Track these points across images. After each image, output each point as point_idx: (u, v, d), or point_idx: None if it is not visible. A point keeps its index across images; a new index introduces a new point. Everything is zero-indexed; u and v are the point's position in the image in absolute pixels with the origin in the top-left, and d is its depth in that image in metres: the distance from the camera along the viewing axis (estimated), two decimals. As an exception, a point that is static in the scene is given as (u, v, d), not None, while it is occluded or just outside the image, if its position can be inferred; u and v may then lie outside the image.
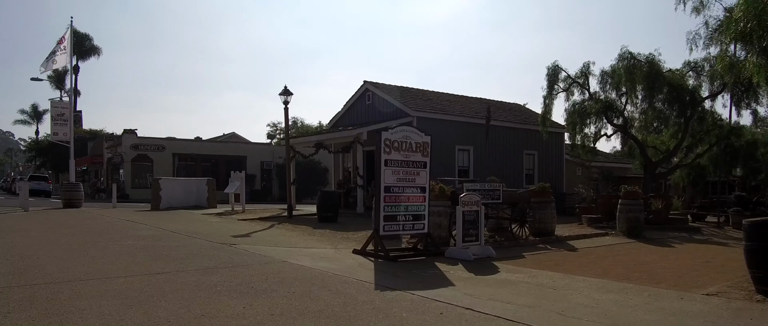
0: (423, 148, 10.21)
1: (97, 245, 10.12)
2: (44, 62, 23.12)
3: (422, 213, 10.30)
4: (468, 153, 22.66)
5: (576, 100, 22.39)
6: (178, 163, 40.35)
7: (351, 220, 17.17)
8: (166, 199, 22.30)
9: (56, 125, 23.66)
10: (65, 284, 6.56)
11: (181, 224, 14.79)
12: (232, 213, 20.09)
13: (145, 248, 9.75)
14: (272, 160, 44.96)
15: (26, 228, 13.32)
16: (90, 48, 60.12)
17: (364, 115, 22.91)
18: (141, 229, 13.10)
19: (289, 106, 18.10)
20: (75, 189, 22.61)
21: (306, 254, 9.65)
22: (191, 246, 10.22)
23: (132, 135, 40.20)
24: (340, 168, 24.56)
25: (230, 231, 13.20)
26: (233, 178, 22.25)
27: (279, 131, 69.92)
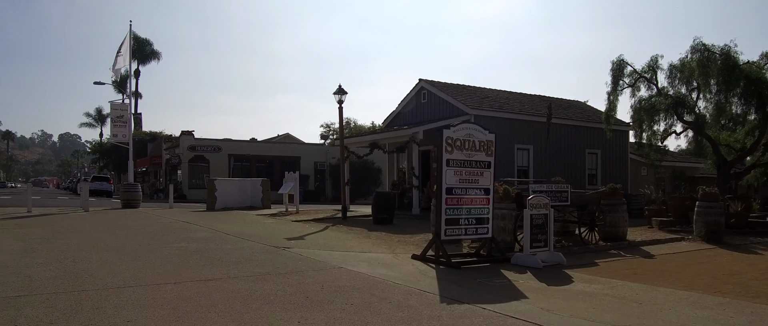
0: (487, 147, 9.56)
1: (150, 247, 9.89)
2: (112, 67, 23.59)
3: (486, 216, 9.65)
4: (528, 152, 21.77)
5: (643, 96, 21.21)
6: (234, 163, 40.69)
7: (407, 222, 16.62)
8: (221, 200, 22.30)
9: (116, 127, 24.01)
10: (113, 290, 6.24)
11: (235, 225, 14.55)
12: (286, 213, 19.86)
13: (197, 251, 9.44)
14: (325, 161, 44.86)
15: (84, 228, 13.31)
16: (150, 52, 61.67)
17: (419, 114, 22.33)
18: (195, 231, 12.89)
19: (343, 105, 17.69)
20: (133, 190, 22.86)
21: (362, 259, 9.14)
22: (244, 249, 9.87)
23: (189, 136, 40.76)
24: (394, 168, 24.05)
25: (284, 234, 12.85)
26: (287, 179, 22.03)
27: (332, 132, 70.11)
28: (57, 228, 13.20)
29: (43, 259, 8.34)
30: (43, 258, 8.41)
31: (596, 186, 22.86)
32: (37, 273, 7.14)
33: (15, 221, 15.15)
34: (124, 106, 24.75)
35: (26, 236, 11.39)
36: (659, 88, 20.98)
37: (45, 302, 5.67)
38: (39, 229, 12.90)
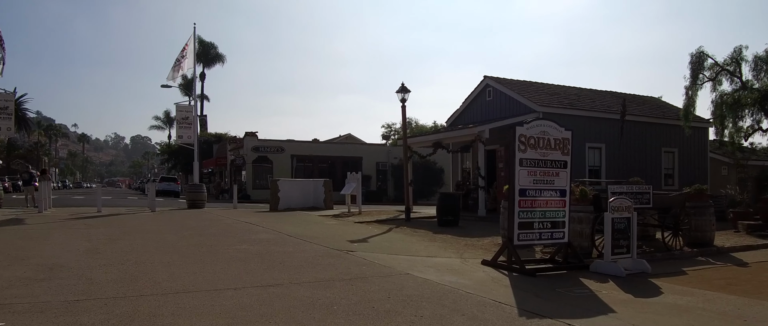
0: (562, 145, 8.88)
1: (212, 249, 9.70)
2: (171, 71, 23.91)
3: (562, 219, 8.97)
4: (599, 151, 20.71)
5: (725, 90, 19.77)
6: (296, 164, 40.93)
7: (473, 224, 16.01)
8: (284, 200, 22.27)
9: (181, 128, 24.34)
10: (171, 296, 5.98)
11: (298, 227, 14.33)
12: (349, 214, 19.57)
13: (259, 254, 9.18)
14: (387, 161, 44.56)
15: (149, 229, 13.36)
16: (215, 56, 62.97)
17: (484, 112, 21.63)
18: (257, 232, 12.71)
19: (406, 104, 17.22)
20: (198, 191, 23.12)
21: (430, 265, 8.64)
22: (306, 252, 9.54)
23: (253, 137, 41.26)
24: (458, 168, 23.41)
25: (347, 236, 12.50)
26: (350, 179, 21.77)
27: (394, 132, 69.80)
28: (123, 229, 13.30)
29: (105, 261, 8.24)
30: (105, 260, 8.32)
31: (672, 186, 21.55)
32: (99, 276, 7.00)
33: (84, 221, 15.42)
34: (189, 107, 25.07)
35: (93, 236, 11.46)
36: (743, 81, 19.52)
37: (102, 307, 5.45)
38: (106, 229, 13.02)
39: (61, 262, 8.05)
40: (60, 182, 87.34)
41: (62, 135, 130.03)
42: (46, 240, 10.67)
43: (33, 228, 13.13)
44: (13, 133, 23.81)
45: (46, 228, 13.34)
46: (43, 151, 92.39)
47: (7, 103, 22.35)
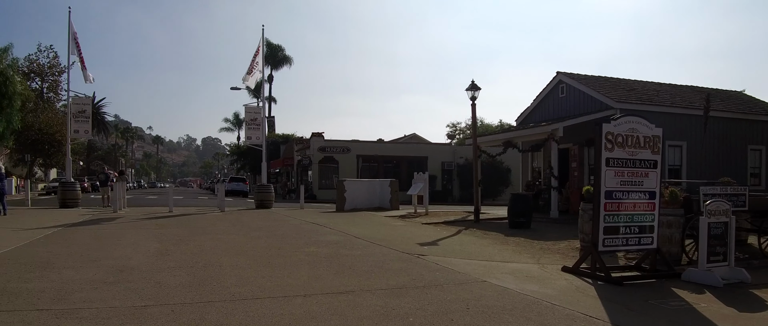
0: (652, 143, 8.19)
1: (281, 252, 9.51)
2: (246, 74, 24.24)
3: (650, 223, 8.28)
4: (680, 149, 19.48)
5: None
6: (362, 164, 40.90)
7: (545, 227, 15.32)
8: (350, 200, 22.12)
9: (250, 129, 24.60)
10: (240, 303, 5.74)
11: (365, 228, 14.05)
12: (415, 215, 19.19)
13: (327, 257, 8.91)
14: (453, 161, 43.92)
15: (218, 230, 13.38)
16: (282, 58, 63.89)
17: (556, 110, 20.77)
18: (325, 234, 12.50)
19: (476, 101, 16.68)
20: (266, 191, 23.27)
21: (507, 271, 8.12)
22: (376, 256, 9.21)
23: (319, 138, 41.51)
24: (528, 168, 22.62)
25: (416, 238, 12.11)
26: (416, 179, 21.39)
27: (458, 131, 68.98)
28: (193, 229, 13.37)
29: (174, 263, 8.16)
30: (174, 262, 8.24)
31: (759, 187, 20.07)
32: (167, 280, 6.87)
33: (156, 221, 15.66)
34: (258, 109, 25.30)
35: (163, 237, 11.52)
36: None
37: (169, 314, 5.25)
38: (176, 230, 13.11)
39: (130, 264, 8.01)
40: (135, 182, 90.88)
41: (138, 137, 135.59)
42: (118, 241, 10.77)
43: (106, 229, 13.38)
44: (91, 135, 24.69)
45: (119, 228, 13.57)
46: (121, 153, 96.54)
47: (85, 107, 23.16)
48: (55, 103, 50.01)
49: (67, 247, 9.73)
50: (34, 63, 50.54)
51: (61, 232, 12.17)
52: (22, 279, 6.82)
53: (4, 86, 18.28)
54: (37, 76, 50.92)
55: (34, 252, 9.10)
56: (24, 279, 6.81)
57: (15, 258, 8.35)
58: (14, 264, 7.80)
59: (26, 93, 40.13)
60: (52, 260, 8.25)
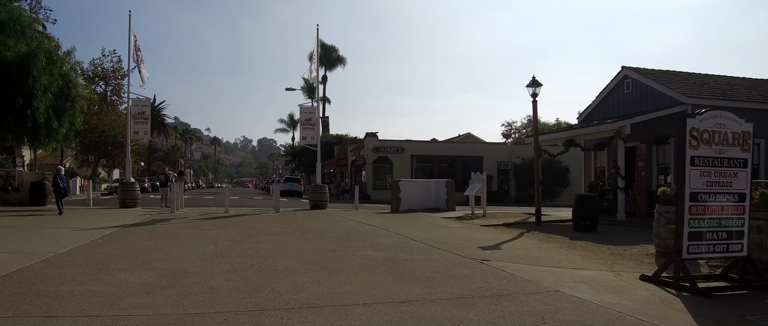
0: (742, 140, 7.44)
1: (337, 255, 9.15)
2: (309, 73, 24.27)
3: (739, 228, 7.53)
4: (758, 147, 18.22)
5: None
6: (416, 164, 40.44)
7: (612, 230, 14.50)
8: (405, 201, 21.71)
9: (305, 129, 24.51)
10: (295, 311, 5.38)
11: (422, 230, 13.59)
12: (473, 217, 18.61)
13: (386, 262, 8.49)
14: (509, 160, 42.89)
15: (273, 231, 13.17)
16: (336, 58, 64.07)
17: (621, 106, 19.78)
18: (381, 236, 12.11)
19: (537, 98, 15.97)
20: (321, 191, 23.10)
21: (579, 279, 7.52)
22: (436, 260, 8.74)
23: (373, 138, 41.26)
24: (591, 167, 21.67)
25: (476, 241, 11.58)
26: (474, 180, 20.80)
27: (514, 130, 67.65)
28: (248, 230, 13.20)
29: (229, 266, 7.90)
30: (229, 265, 7.98)
31: None
32: (220, 284, 6.59)
33: (212, 221, 15.61)
34: (313, 109, 25.19)
35: (219, 238, 11.36)
36: None
37: (221, 324, 4.93)
38: (231, 231, 12.97)
39: (185, 267, 7.80)
40: (193, 182, 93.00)
41: (196, 138, 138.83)
42: (174, 242, 10.65)
43: (163, 229, 13.35)
44: (150, 136, 25.09)
45: (175, 229, 13.54)
46: (180, 154, 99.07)
47: (144, 109, 23.52)
48: (118, 105, 51.55)
49: (123, 248, 9.65)
50: (99, 67, 52.25)
51: (118, 233, 12.19)
52: (76, 281, 6.67)
53: (67, 88, 18.64)
54: (102, 79, 52.62)
55: (90, 253, 9.03)
56: (77, 281, 6.66)
57: (71, 259, 8.27)
58: (70, 266, 7.70)
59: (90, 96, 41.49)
60: (107, 262, 8.12)
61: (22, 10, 18.57)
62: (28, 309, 5.30)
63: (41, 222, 14.72)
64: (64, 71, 18.63)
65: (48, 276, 6.90)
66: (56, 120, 18.14)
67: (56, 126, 18.20)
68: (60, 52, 18.86)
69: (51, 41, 19.03)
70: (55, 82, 17.74)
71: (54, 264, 7.80)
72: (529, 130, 64.90)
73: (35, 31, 18.32)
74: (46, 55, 17.36)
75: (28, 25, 17.77)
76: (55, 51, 18.26)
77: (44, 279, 6.71)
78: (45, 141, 18.84)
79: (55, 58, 17.90)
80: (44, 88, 17.15)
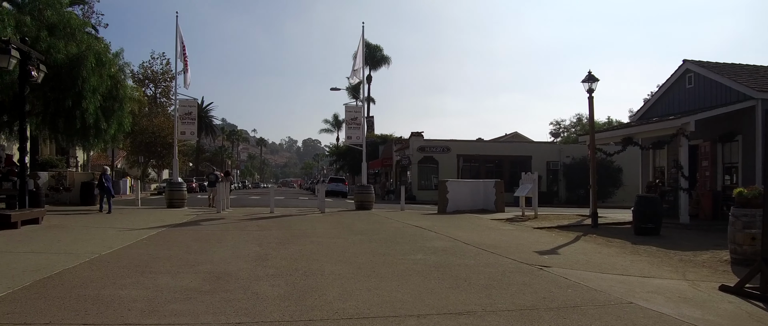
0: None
1: (386, 259, 8.71)
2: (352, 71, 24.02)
3: (834, 234, 6.74)
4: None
5: None
6: (462, 164, 39.75)
7: (676, 234, 13.67)
8: (452, 202, 21.17)
9: (350, 129, 24.21)
10: (345, 323, 4.96)
11: (473, 233, 13.05)
12: (523, 218, 17.94)
13: (437, 267, 8.01)
14: (559, 160, 41.72)
15: (318, 232, 12.83)
16: (380, 58, 63.82)
17: (682, 102, 18.73)
18: (431, 239, 11.62)
19: (593, 94, 15.20)
20: (366, 192, 22.75)
21: (651, 289, 6.87)
22: (492, 265, 8.20)
23: (419, 137, 40.76)
24: (649, 167, 20.65)
25: (531, 245, 10.98)
26: (524, 180, 20.10)
27: (563, 129, 66.05)
28: (293, 231, 12.91)
29: (274, 270, 7.54)
30: (274, 269, 7.63)
31: None
32: (265, 290, 6.23)
33: (257, 222, 15.40)
34: (358, 108, 24.88)
35: (264, 240, 11.08)
36: None
37: (265, 336, 4.55)
38: (277, 232, 12.69)
39: (229, 270, 7.48)
40: (240, 182, 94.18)
41: (243, 139, 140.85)
42: (219, 244, 10.41)
43: (208, 230, 13.17)
44: (197, 137, 25.22)
45: (220, 229, 13.34)
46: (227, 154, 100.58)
47: (191, 109, 23.60)
48: (166, 107, 52.52)
49: (167, 250, 9.43)
50: (148, 69, 53.33)
51: (163, 233, 12.04)
52: (118, 284, 6.41)
53: (115, 89, 18.80)
54: (151, 82, 53.69)
55: (134, 254, 8.83)
56: (119, 284, 6.40)
57: (115, 261, 8.07)
58: (113, 268, 7.47)
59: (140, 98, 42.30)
60: (150, 263, 7.88)
61: (72, 13, 18.80)
62: (65, 316, 5.03)
63: (89, 221, 14.76)
64: (113, 72, 18.79)
65: (89, 279, 6.68)
66: (105, 121, 18.31)
67: (105, 126, 18.38)
68: (109, 54, 19.03)
69: (100, 42, 19.25)
70: (103, 83, 17.91)
71: (97, 266, 7.60)
72: (579, 128, 63.24)
73: (85, 33, 18.54)
74: (95, 56, 17.52)
75: (78, 27, 17.99)
76: (104, 52, 18.45)
77: (85, 283, 6.48)
78: (94, 141, 19.07)
79: (104, 59, 18.07)
80: (93, 89, 17.30)
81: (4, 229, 11.61)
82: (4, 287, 6.11)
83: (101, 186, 17.92)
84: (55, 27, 17.03)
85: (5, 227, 11.67)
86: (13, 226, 11.79)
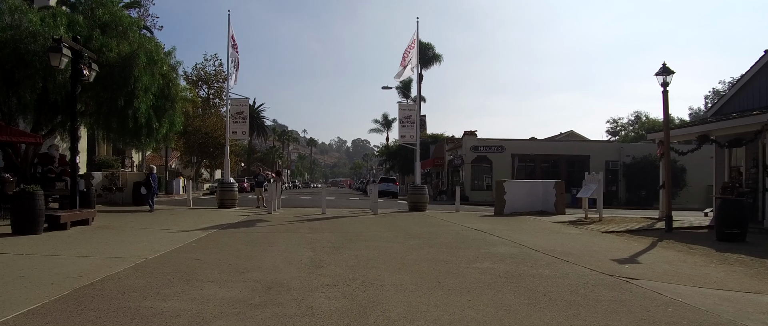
0: None
1: (450, 267, 7.95)
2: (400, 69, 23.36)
3: None
4: None
5: None
6: (517, 163, 38.56)
7: (763, 239, 12.51)
8: (510, 203, 20.23)
9: (403, 128, 23.57)
10: (414, 348, 4.24)
11: (537, 237, 12.16)
12: (587, 221, 16.90)
13: (509, 277, 7.21)
14: (619, 159, 40.01)
15: (373, 236, 12.17)
16: (431, 56, 62.93)
17: (764, 97, 17.25)
18: (494, 244, 10.80)
19: (668, 87, 14.05)
20: (420, 192, 22.03)
21: (765, 309, 5.91)
22: (570, 276, 7.36)
23: (472, 136, 39.75)
24: (724, 166, 19.16)
25: (605, 251, 10.03)
26: (588, 181, 19.00)
27: (620, 127, 63.77)
28: (347, 234, 12.30)
29: (329, 279, 6.90)
30: (329, 277, 6.99)
31: None
32: (321, 303, 5.58)
33: (309, 224, 14.89)
34: (412, 106, 24.19)
35: (317, 244, 10.49)
36: None
37: (323, 364, 3.88)
38: (330, 235, 12.10)
39: (280, 278, 6.89)
40: (290, 183, 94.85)
41: (293, 140, 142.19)
42: (270, 248, 9.86)
43: (259, 232, 12.69)
44: (248, 136, 24.98)
45: (271, 232, 12.85)
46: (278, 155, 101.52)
47: (242, 108, 23.35)
48: (219, 107, 53.05)
49: (216, 254, 8.93)
50: (201, 71, 53.97)
51: (212, 236, 11.61)
52: (161, 295, 5.87)
53: (167, 88, 18.62)
54: (204, 83, 54.34)
55: (181, 259, 8.35)
56: (162, 295, 5.87)
57: (160, 267, 7.59)
58: (158, 275, 6.98)
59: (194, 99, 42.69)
60: (197, 270, 7.36)
61: (123, 11, 18.71)
62: (100, 334, 4.50)
63: (139, 222, 14.52)
64: (165, 71, 18.61)
65: (132, 288, 6.18)
66: (156, 120, 18.15)
67: (156, 126, 18.22)
68: (161, 52, 18.83)
69: (151, 41, 19.09)
70: (155, 81, 17.72)
71: (141, 272, 7.13)
72: (638, 126, 60.89)
73: (137, 32, 18.41)
74: (147, 54, 17.35)
75: (129, 25, 17.86)
76: (156, 51, 18.26)
77: (127, 292, 5.98)
78: (146, 141, 18.92)
79: (155, 57, 17.88)
80: (145, 87, 17.14)
81: (54, 230, 11.40)
82: (41, 296, 5.66)
83: (148, 184, 17.87)
84: (107, 26, 16.93)
85: (55, 228, 11.47)
86: (62, 227, 11.58)
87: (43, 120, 17.88)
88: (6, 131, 14.64)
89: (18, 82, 15.32)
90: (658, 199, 34.83)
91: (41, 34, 14.80)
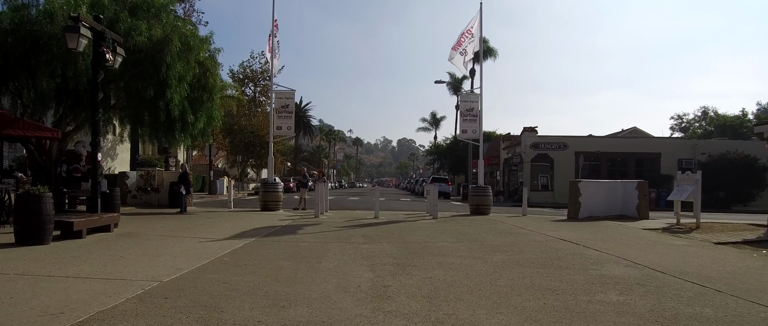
0: None
1: (565, 301, 5.75)
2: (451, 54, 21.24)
3: None
4: None
5: None
6: (582, 162, 35.80)
7: None
8: (585, 206, 17.88)
9: (465, 122, 21.50)
10: None
11: (646, 251, 9.85)
12: (683, 228, 14.42)
13: (661, 322, 4.99)
14: (693, 158, 36.74)
15: (442, 248, 10.04)
16: (486, 50, 60.35)
17: None
18: (600, 261, 8.53)
19: None
20: (483, 194, 19.83)
21: None
22: (744, 319, 5.11)
23: (532, 133, 37.16)
24: None
25: (744, 273, 7.69)
26: (681, 181, 16.47)
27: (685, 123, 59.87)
28: (409, 246, 10.22)
29: (402, 320, 4.84)
30: (402, 318, 4.92)
31: None
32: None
33: (363, 231, 12.89)
34: (475, 97, 21.93)
35: (375, 258, 8.46)
36: None
37: None
38: (388, 246, 10.05)
39: (333, 319, 4.86)
40: (336, 182, 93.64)
41: (339, 139, 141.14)
42: (318, 265, 7.86)
43: (305, 242, 10.69)
44: (293, 132, 23.14)
45: (319, 241, 10.86)
46: (324, 154, 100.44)
47: (288, 102, 21.59)
48: (266, 106, 51.89)
49: (251, 275, 6.96)
50: (248, 69, 52.87)
51: (250, 247, 9.71)
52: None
53: (204, 78, 16.77)
54: (251, 81, 53.23)
55: (205, 282, 6.40)
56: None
57: (175, 295, 5.67)
58: (166, 310, 5.06)
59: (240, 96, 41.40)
60: (222, 303, 5.40)
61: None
62: None
63: (169, 228, 12.73)
64: (202, 59, 16.77)
65: (122, 337, 4.26)
66: (192, 113, 16.29)
67: (192, 119, 16.35)
68: (197, 37, 16.90)
69: (186, 24, 17.28)
70: (191, 70, 15.88)
71: (145, 306, 5.21)
72: (706, 123, 56.92)
73: (171, 14, 16.63)
74: (182, 39, 15.51)
75: (162, 6, 16.06)
76: (192, 35, 16.28)
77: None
78: (180, 136, 16.89)
79: (191, 43, 15.96)
80: (179, 76, 15.34)
81: (67, 239, 9.69)
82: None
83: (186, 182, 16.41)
84: (137, 7, 15.23)
85: (68, 236, 9.75)
86: (77, 236, 9.84)
87: (67, 113, 16.33)
88: (17, 124, 13.00)
89: (34, 68, 13.73)
90: (739, 201, 31.77)
91: (60, 13, 13.22)
